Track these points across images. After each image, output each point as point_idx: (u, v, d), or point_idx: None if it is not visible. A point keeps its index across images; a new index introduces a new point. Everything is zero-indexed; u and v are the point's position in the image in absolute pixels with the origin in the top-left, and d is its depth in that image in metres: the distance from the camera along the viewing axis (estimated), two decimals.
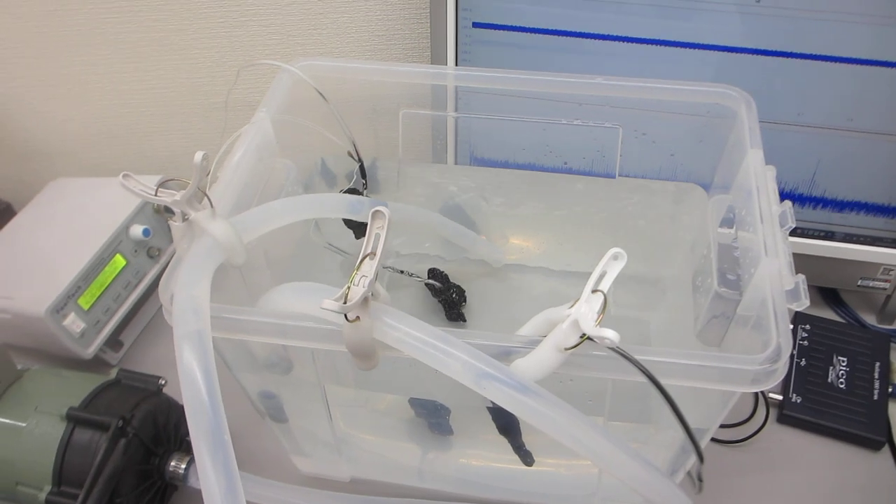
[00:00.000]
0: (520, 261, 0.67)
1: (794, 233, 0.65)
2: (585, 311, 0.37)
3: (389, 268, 0.65)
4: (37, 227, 0.70)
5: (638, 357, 0.37)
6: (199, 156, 0.41)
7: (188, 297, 0.39)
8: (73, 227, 0.68)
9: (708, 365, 0.37)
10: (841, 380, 0.62)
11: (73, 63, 0.76)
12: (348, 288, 0.37)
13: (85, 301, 0.63)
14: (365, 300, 0.37)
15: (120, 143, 0.81)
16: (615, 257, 0.38)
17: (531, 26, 0.60)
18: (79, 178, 0.74)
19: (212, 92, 0.75)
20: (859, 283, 0.67)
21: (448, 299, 0.63)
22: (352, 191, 0.60)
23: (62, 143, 0.82)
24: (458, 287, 0.64)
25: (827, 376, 0.63)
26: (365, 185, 0.60)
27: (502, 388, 0.36)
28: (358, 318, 0.37)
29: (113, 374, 0.57)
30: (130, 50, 0.73)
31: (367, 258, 0.38)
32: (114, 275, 0.66)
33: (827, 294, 0.71)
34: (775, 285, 0.41)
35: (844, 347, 0.65)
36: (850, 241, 0.64)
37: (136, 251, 0.68)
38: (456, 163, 0.66)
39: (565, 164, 0.63)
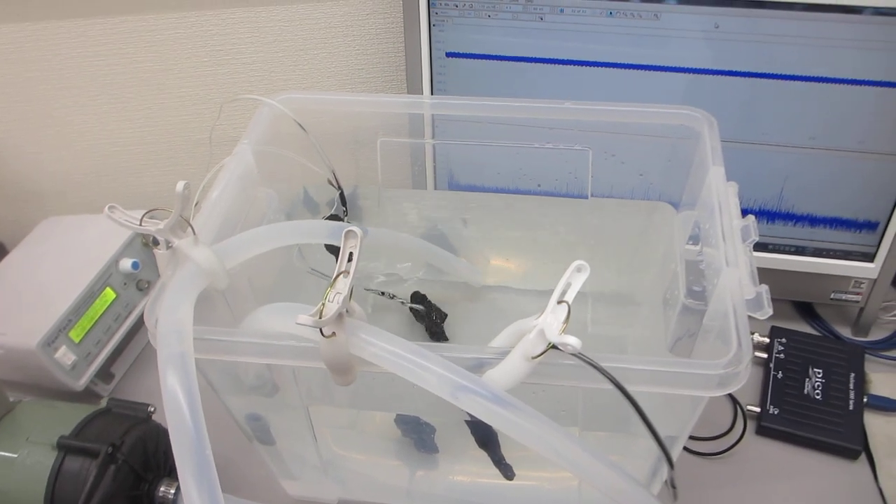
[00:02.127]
0: (499, 282, 0.69)
1: (765, 248, 0.67)
2: (551, 321, 0.38)
3: (372, 290, 0.67)
4: (28, 265, 0.72)
5: (603, 364, 0.38)
6: (180, 185, 0.43)
7: (171, 321, 0.41)
8: (64, 262, 0.69)
9: (671, 370, 0.39)
10: (817, 391, 0.64)
11: (61, 105, 0.78)
12: (323, 305, 0.38)
13: (76, 334, 0.64)
14: (339, 316, 0.39)
15: (109, 180, 0.83)
16: (579, 269, 0.39)
17: (502, 54, 0.63)
18: (69, 215, 0.76)
19: (198, 128, 0.77)
20: (832, 296, 0.68)
21: (430, 321, 0.65)
22: (333, 217, 0.62)
23: (52, 183, 0.84)
24: (439, 309, 0.66)
25: (803, 388, 0.64)
26: (345, 212, 0.62)
27: (476, 398, 0.38)
28: (334, 333, 0.39)
29: (103, 403, 0.58)
30: (118, 90, 0.76)
31: (341, 276, 0.39)
32: (104, 308, 0.67)
33: (802, 308, 0.73)
34: (735, 294, 0.42)
35: (820, 360, 0.66)
36: (821, 256, 0.66)
37: (125, 284, 0.69)
38: (435, 188, 0.68)
39: (539, 186, 0.65)
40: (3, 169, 0.84)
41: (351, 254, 0.40)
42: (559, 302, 0.39)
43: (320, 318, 0.37)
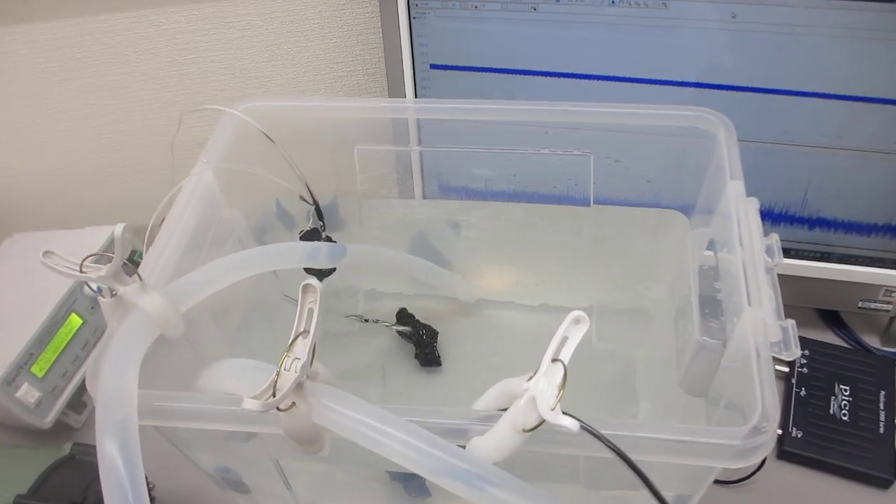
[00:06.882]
0: (493, 296, 0.63)
1: (787, 254, 0.61)
2: (544, 388, 0.33)
3: (353, 316, 0.61)
4: None
5: (607, 432, 0.33)
6: (119, 229, 0.38)
7: (113, 387, 0.36)
8: (26, 286, 0.64)
9: (684, 440, 0.34)
10: (844, 411, 0.58)
11: (19, 116, 0.72)
12: (277, 375, 0.33)
13: (39, 368, 0.59)
14: (299, 385, 0.33)
15: (77, 192, 0.77)
16: (577, 321, 0.34)
17: (494, 66, 0.56)
18: (35, 231, 0.71)
19: (166, 132, 0.72)
20: (860, 304, 0.62)
21: (419, 342, 0.60)
22: (311, 232, 0.57)
23: (17, 198, 0.78)
24: (429, 328, 0.61)
25: (829, 407, 0.59)
26: (323, 227, 0.57)
27: (456, 483, 0.33)
28: (293, 403, 0.34)
29: (67, 449, 0.53)
30: (77, 97, 0.70)
31: (300, 337, 0.34)
32: (70, 336, 0.62)
33: (827, 315, 0.67)
34: (759, 338, 0.37)
35: (846, 374, 0.60)
36: (848, 263, 0.60)
37: (92, 308, 0.64)
38: (424, 197, 0.62)
39: (536, 193, 0.59)
40: None
41: (311, 310, 0.34)
42: (554, 360, 0.34)
43: (274, 394, 0.32)
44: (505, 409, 0.36)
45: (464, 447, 0.35)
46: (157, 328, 0.40)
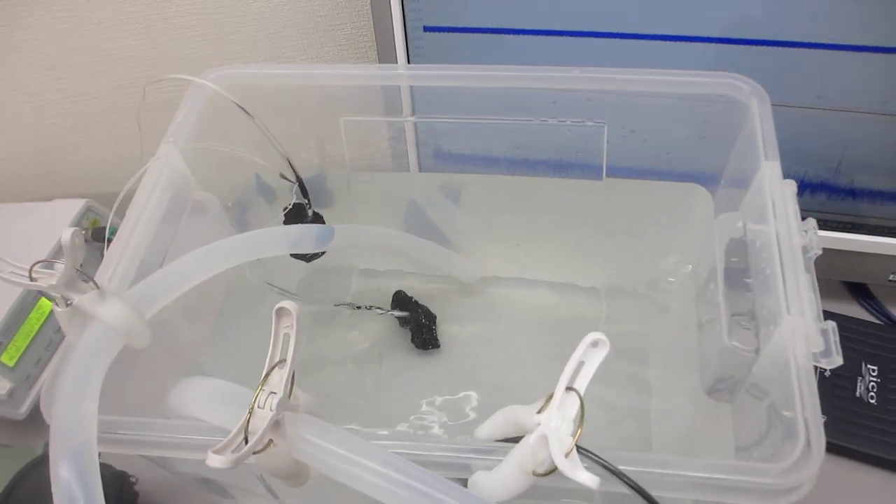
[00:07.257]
0: (496, 273, 0.59)
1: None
2: (557, 424, 0.28)
3: (344, 304, 0.57)
4: None
5: (628, 468, 0.30)
6: (67, 235, 0.33)
7: (71, 413, 0.32)
8: None
9: (715, 477, 0.30)
10: (871, 393, 0.54)
11: None
12: (250, 413, 0.29)
13: (8, 358, 0.55)
14: (276, 423, 0.29)
15: (47, 161, 0.71)
16: (595, 344, 0.29)
17: (495, 27, 0.50)
18: (8, 203, 0.66)
19: (138, 93, 0.66)
20: (891, 277, 0.58)
21: (417, 325, 0.56)
22: (296, 208, 0.52)
23: None
24: (428, 311, 0.56)
25: (855, 390, 0.55)
26: (308, 205, 0.52)
27: None
28: (271, 441, 0.30)
29: (40, 450, 0.50)
30: (40, 61, 0.64)
31: (276, 368, 0.30)
32: (41, 322, 0.58)
33: (853, 287, 0.63)
34: (800, 353, 0.32)
35: (874, 353, 0.56)
36: (881, 234, 0.55)
37: None
38: (420, 170, 0.57)
39: (542, 163, 0.53)
40: None
41: (287, 336, 0.30)
42: (568, 388, 0.29)
43: (246, 438, 0.28)
44: (510, 439, 0.32)
45: (465, 482, 0.31)
46: (120, 339, 0.36)
